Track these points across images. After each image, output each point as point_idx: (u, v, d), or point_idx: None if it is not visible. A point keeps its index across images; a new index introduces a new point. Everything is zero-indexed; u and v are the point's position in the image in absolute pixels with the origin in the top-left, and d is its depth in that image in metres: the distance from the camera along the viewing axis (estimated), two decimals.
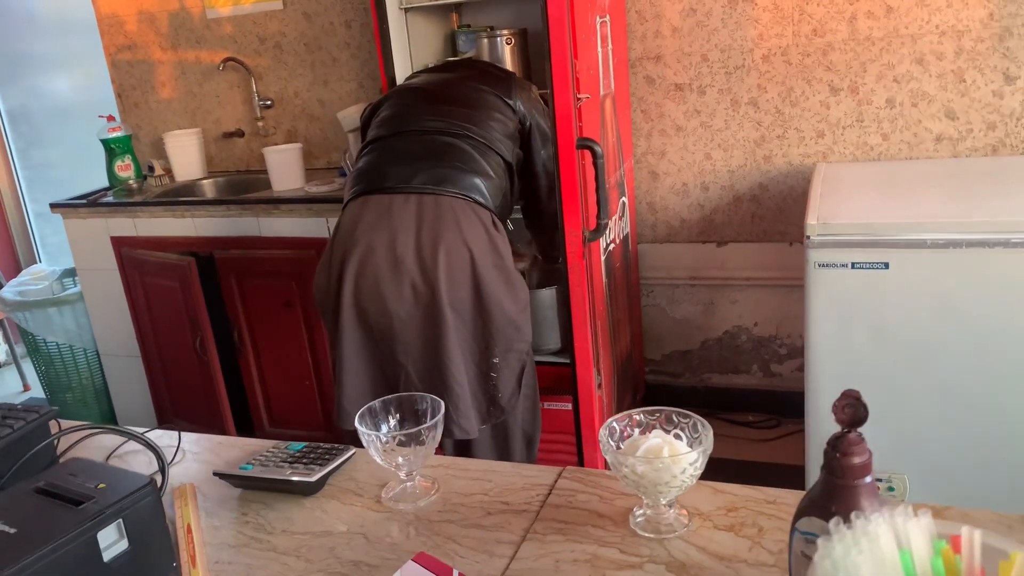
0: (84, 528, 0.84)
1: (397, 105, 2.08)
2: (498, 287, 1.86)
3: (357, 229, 1.85)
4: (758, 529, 0.92)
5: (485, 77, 2.11)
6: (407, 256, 1.80)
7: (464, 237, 1.81)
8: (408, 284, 1.80)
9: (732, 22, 2.65)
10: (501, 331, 1.88)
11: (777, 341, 2.92)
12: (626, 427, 0.99)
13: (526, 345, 1.96)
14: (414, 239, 1.80)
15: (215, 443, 1.29)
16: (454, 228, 1.81)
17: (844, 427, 0.70)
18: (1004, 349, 1.87)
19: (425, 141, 1.93)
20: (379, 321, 1.84)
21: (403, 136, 1.97)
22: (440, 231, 1.80)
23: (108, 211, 3.07)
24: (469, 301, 1.84)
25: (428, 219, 1.81)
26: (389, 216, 1.82)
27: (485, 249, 1.84)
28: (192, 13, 3.33)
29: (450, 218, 1.81)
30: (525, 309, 1.94)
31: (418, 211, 1.83)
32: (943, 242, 1.85)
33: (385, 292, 1.81)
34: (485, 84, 2.07)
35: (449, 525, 1.00)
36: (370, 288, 1.82)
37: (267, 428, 3.02)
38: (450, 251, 1.80)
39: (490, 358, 1.90)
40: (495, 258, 1.86)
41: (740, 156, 2.77)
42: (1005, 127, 2.46)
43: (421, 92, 2.09)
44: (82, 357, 3.42)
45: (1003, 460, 1.94)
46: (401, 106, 2.06)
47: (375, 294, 1.82)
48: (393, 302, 1.81)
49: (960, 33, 2.42)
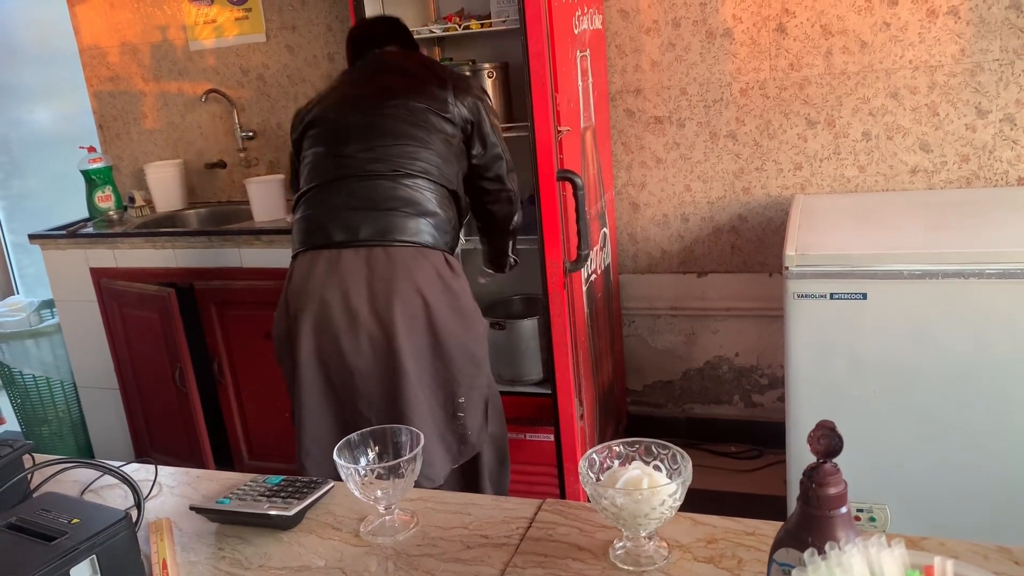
0: (56, 564, 0.82)
1: (331, 135, 1.94)
2: (455, 328, 1.85)
3: (309, 284, 1.82)
4: (737, 561, 0.92)
5: (422, 90, 1.94)
6: (362, 310, 1.78)
7: (417, 285, 1.80)
8: (365, 337, 1.79)
9: (710, 56, 2.69)
10: (463, 371, 1.87)
11: (758, 371, 2.93)
12: (606, 458, 0.98)
13: (486, 378, 1.96)
14: (367, 292, 1.79)
15: (192, 477, 1.28)
16: (405, 278, 1.79)
17: (819, 458, 0.70)
18: (980, 378, 1.88)
19: (367, 188, 1.86)
20: (339, 374, 1.82)
21: (343, 183, 1.88)
22: (392, 282, 1.79)
23: (88, 242, 3.05)
24: (428, 348, 1.82)
25: (379, 271, 1.80)
26: (339, 271, 1.80)
27: (439, 293, 1.83)
28: (175, 45, 3.35)
29: (401, 268, 1.80)
30: (483, 342, 1.94)
31: (368, 264, 1.80)
32: (920, 273, 1.87)
33: (344, 347, 1.79)
34: (423, 99, 1.92)
35: (428, 559, 0.99)
36: (329, 343, 1.80)
37: (246, 460, 2.99)
38: (404, 301, 1.78)
39: (456, 399, 1.88)
40: (450, 299, 1.85)
41: (719, 188, 2.80)
42: (978, 160, 2.50)
43: (354, 127, 1.92)
44: (59, 389, 3.38)
45: (983, 489, 1.94)
46: (335, 139, 1.93)
47: (334, 349, 1.80)
48: (352, 356, 1.79)
49: (933, 68, 2.47)
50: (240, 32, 3.23)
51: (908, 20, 2.46)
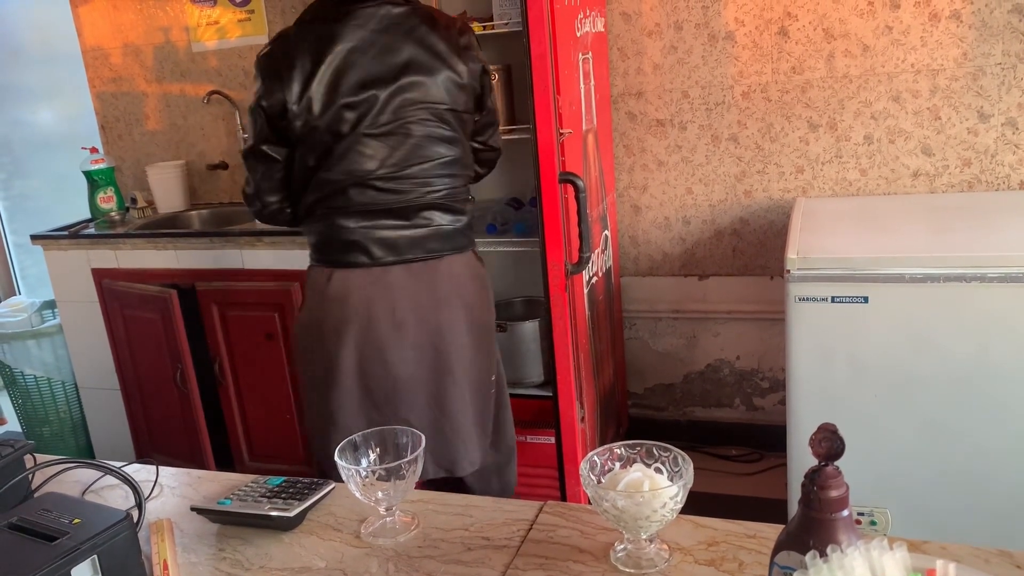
0: (58, 564, 0.82)
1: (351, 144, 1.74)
2: (487, 316, 1.93)
3: (352, 299, 1.79)
4: (739, 564, 0.92)
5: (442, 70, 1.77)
6: (408, 320, 1.80)
7: (458, 290, 1.85)
8: (410, 347, 1.81)
9: (712, 59, 2.69)
10: (493, 351, 1.97)
11: (759, 374, 2.93)
12: (607, 461, 0.98)
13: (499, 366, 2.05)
14: (412, 303, 1.80)
15: (193, 477, 1.28)
16: (447, 282, 1.83)
17: (821, 461, 0.70)
18: (982, 382, 1.88)
19: (402, 203, 1.78)
20: (382, 385, 1.83)
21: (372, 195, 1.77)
22: (436, 289, 1.82)
23: (89, 243, 3.06)
24: (469, 344, 1.87)
25: (424, 281, 1.82)
26: (385, 286, 1.79)
27: (476, 291, 1.88)
28: (177, 46, 3.35)
29: (444, 274, 1.83)
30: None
31: (412, 277, 1.81)
32: (921, 276, 1.87)
33: (389, 359, 1.81)
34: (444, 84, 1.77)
35: (429, 561, 0.99)
36: (374, 354, 1.81)
37: (247, 462, 2.99)
38: (449, 307, 1.83)
39: (490, 377, 1.95)
40: (480, 291, 1.90)
41: (721, 191, 2.80)
42: (980, 163, 2.50)
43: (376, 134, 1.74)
44: (60, 390, 3.38)
45: (984, 493, 1.94)
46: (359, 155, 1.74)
47: (379, 360, 1.81)
48: (396, 367, 1.81)
49: (935, 72, 2.47)
50: (243, 34, 3.23)
51: (910, 24, 2.46)
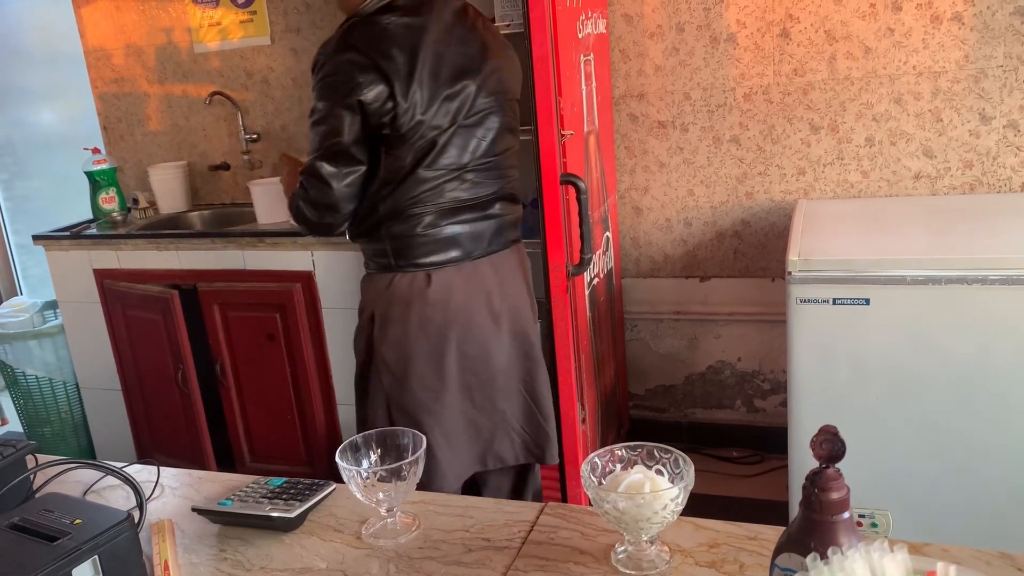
0: (59, 564, 0.83)
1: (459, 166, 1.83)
2: (536, 305, 2.08)
3: (452, 301, 1.85)
4: (739, 565, 0.92)
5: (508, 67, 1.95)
6: (503, 311, 1.92)
7: (524, 275, 2.02)
8: (506, 334, 1.92)
9: (714, 61, 2.69)
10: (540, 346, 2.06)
11: (760, 376, 2.93)
12: (608, 462, 0.98)
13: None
14: (500, 293, 1.92)
15: (194, 478, 1.28)
16: (519, 271, 2.00)
17: (822, 463, 0.70)
18: (983, 384, 1.88)
19: (486, 195, 1.89)
20: (482, 377, 1.90)
21: (477, 208, 1.88)
22: (515, 277, 1.98)
23: (91, 243, 3.06)
24: (537, 332, 2.03)
25: (505, 271, 1.95)
26: (479, 281, 1.89)
27: (530, 279, 2.05)
28: (179, 47, 3.35)
29: (516, 262, 1.99)
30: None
31: (497, 268, 1.93)
32: (923, 279, 1.87)
33: (491, 350, 1.90)
34: (511, 83, 1.96)
35: (430, 562, 0.99)
36: (478, 349, 1.89)
37: (248, 462, 2.99)
38: (523, 292, 1.99)
39: (546, 380, 2.05)
40: (527, 278, 2.04)
41: (722, 192, 2.80)
42: (982, 166, 2.50)
43: (467, 129, 1.83)
44: (61, 390, 3.38)
45: (986, 495, 1.94)
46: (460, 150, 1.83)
47: (482, 353, 1.89)
48: (497, 357, 1.91)
49: (937, 74, 2.47)
50: (245, 35, 3.23)
51: (912, 26, 2.46)
